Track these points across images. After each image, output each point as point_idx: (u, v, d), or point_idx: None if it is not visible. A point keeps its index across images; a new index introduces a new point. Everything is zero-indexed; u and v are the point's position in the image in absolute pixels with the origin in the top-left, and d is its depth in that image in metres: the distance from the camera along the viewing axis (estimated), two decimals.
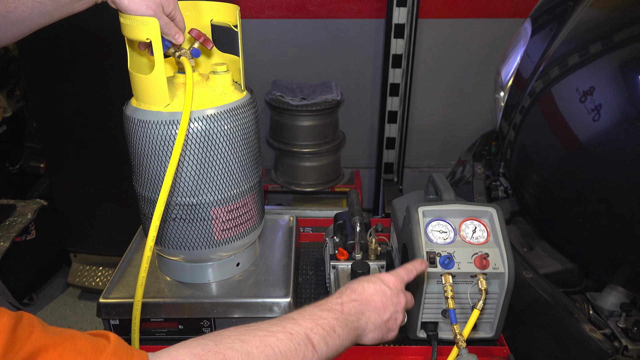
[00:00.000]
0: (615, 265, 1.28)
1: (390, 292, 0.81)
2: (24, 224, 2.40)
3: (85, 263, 2.58)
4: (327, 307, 0.75)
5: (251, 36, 2.74)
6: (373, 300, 0.79)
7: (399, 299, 0.83)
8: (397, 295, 0.83)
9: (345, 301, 0.77)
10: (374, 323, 0.79)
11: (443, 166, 3.03)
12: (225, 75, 1.02)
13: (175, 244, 1.07)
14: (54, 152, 2.38)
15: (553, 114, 1.43)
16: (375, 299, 0.80)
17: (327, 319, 0.72)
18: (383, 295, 0.80)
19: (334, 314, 0.74)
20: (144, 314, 1.07)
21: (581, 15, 1.49)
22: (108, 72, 2.06)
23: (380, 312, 0.79)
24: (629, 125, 1.19)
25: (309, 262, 1.41)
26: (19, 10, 0.77)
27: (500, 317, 1.08)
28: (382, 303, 0.80)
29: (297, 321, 0.70)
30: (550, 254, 1.54)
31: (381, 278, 0.83)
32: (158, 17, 0.86)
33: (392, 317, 0.81)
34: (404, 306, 0.84)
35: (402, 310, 0.83)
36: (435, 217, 1.10)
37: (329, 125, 2.71)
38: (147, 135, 0.96)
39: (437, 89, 2.93)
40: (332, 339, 0.71)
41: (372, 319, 0.79)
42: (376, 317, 0.79)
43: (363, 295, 0.79)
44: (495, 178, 1.96)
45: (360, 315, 0.77)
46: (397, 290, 0.83)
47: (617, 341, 1.24)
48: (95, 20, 1.83)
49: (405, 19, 2.58)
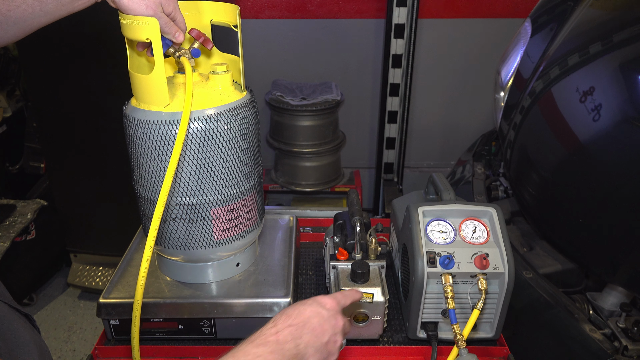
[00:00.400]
0: (615, 265, 1.28)
1: (327, 313, 0.80)
2: (24, 224, 2.40)
3: (85, 263, 2.58)
4: (262, 340, 0.72)
5: (251, 36, 2.74)
6: (310, 322, 0.77)
7: (337, 321, 0.81)
8: (335, 317, 0.81)
9: (280, 329, 0.75)
10: (314, 346, 0.77)
11: (443, 166, 3.03)
12: (225, 75, 1.02)
13: (175, 244, 1.07)
14: (54, 152, 2.38)
15: (553, 114, 1.43)
16: (312, 322, 0.77)
17: (262, 356, 0.70)
18: (320, 317, 0.79)
19: (270, 346, 0.71)
20: (144, 314, 1.07)
21: (581, 15, 1.49)
22: (108, 72, 2.06)
23: (318, 335, 0.77)
24: (629, 125, 1.19)
25: (309, 262, 1.41)
26: (20, 9, 0.77)
27: (500, 317, 1.08)
28: (320, 325, 0.78)
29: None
30: (550, 254, 1.54)
31: (317, 300, 0.81)
32: (158, 16, 0.85)
33: (331, 340, 0.79)
34: (342, 328, 0.82)
35: (341, 332, 0.81)
36: (435, 217, 1.10)
37: (329, 125, 2.71)
38: (147, 135, 0.96)
39: (437, 89, 2.93)
40: None
41: (311, 342, 0.76)
42: (315, 340, 0.77)
43: (299, 319, 0.77)
44: (495, 178, 1.96)
45: (297, 340, 0.75)
46: (335, 311, 0.81)
47: (617, 341, 1.24)
48: (96, 20, 1.83)
49: (405, 19, 2.58)
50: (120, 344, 1.13)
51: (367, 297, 1.04)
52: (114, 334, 1.13)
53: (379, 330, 1.09)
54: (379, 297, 1.04)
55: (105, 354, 1.12)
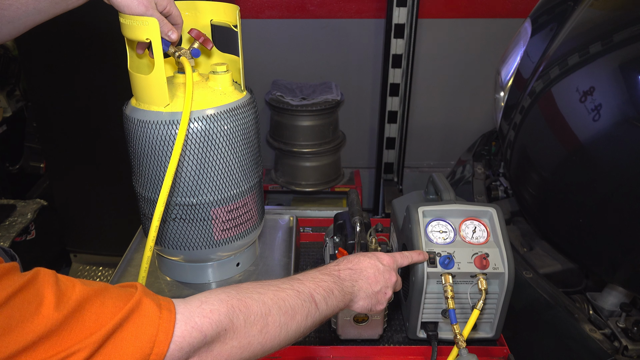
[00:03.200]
0: (615, 265, 1.28)
1: (383, 268, 0.89)
2: (24, 224, 2.40)
3: (85, 263, 2.58)
4: (327, 271, 0.83)
5: (251, 36, 2.73)
6: (366, 271, 0.87)
7: (390, 276, 0.89)
8: (389, 272, 0.90)
9: (342, 268, 0.85)
10: (365, 292, 0.85)
11: (443, 166, 3.03)
12: (225, 75, 1.02)
13: (175, 244, 1.07)
14: (54, 152, 2.37)
15: (553, 114, 1.42)
16: (368, 271, 0.87)
17: (327, 282, 0.80)
18: (376, 269, 0.88)
19: (332, 277, 0.82)
20: None
21: (581, 15, 1.49)
22: (108, 72, 2.06)
23: (371, 284, 0.86)
24: (629, 125, 1.19)
25: (309, 262, 1.41)
26: (14, 7, 0.77)
27: (500, 317, 1.08)
28: (374, 276, 0.87)
29: (303, 282, 0.77)
30: (550, 254, 1.54)
31: (377, 255, 0.91)
32: (150, 13, 0.85)
33: (381, 291, 0.88)
34: (394, 284, 0.90)
35: (392, 286, 0.90)
36: (435, 217, 1.10)
37: (329, 125, 2.70)
38: (147, 135, 0.96)
39: (437, 89, 2.93)
40: (331, 299, 0.78)
41: (364, 287, 0.85)
42: (367, 287, 0.86)
43: (358, 266, 0.87)
44: (495, 178, 1.96)
45: (354, 282, 0.84)
46: (390, 268, 0.90)
47: (617, 341, 1.24)
48: (95, 20, 1.83)
49: (405, 19, 2.58)
50: None
51: None
52: None
53: (379, 330, 1.09)
54: None
55: None
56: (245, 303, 0.68)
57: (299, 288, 0.75)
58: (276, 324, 0.70)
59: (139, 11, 0.84)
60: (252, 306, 0.68)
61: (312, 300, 0.75)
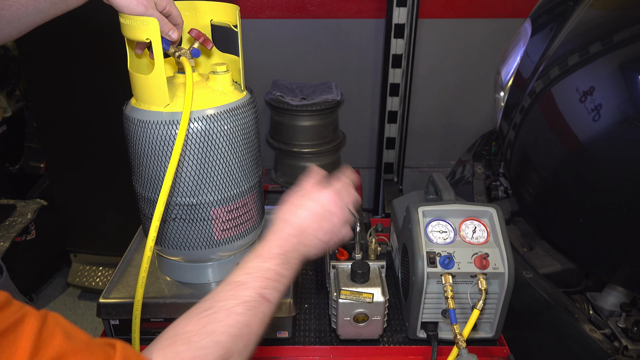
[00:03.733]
0: (615, 265, 1.28)
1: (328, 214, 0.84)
2: (24, 224, 2.40)
3: (85, 263, 2.58)
4: (270, 255, 0.77)
5: (251, 36, 2.73)
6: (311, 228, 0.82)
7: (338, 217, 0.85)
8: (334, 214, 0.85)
9: (284, 241, 0.80)
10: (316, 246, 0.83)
11: (443, 166, 3.03)
12: (225, 75, 1.02)
13: (175, 244, 1.07)
14: (54, 152, 2.38)
15: (553, 114, 1.43)
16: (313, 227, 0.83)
17: (273, 269, 0.75)
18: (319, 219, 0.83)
19: (278, 259, 0.77)
20: (144, 314, 1.07)
21: (581, 15, 1.49)
22: (108, 72, 2.06)
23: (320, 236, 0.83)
24: (629, 125, 1.19)
25: (309, 262, 1.41)
26: (14, 8, 0.77)
27: (500, 317, 1.08)
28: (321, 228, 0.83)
29: (248, 285, 0.72)
30: (550, 254, 1.54)
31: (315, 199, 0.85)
32: (150, 13, 0.85)
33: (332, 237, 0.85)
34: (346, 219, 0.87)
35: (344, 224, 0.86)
36: (435, 217, 1.10)
37: (329, 125, 2.70)
38: (147, 136, 0.96)
39: (437, 88, 2.93)
40: (281, 283, 0.75)
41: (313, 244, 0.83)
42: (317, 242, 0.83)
43: (299, 227, 0.82)
44: (495, 178, 1.96)
45: (301, 248, 0.81)
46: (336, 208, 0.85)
47: (617, 341, 1.24)
48: (95, 20, 1.83)
49: (405, 19, 2.58)
50: None
51: (367, 297, 1.04)
52: (114, 334, 1.13)
53: (379, 330, 1.09)
54: (379, 297, 1.04)
55: None
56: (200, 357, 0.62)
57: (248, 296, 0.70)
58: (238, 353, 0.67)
59: (139, 11, 0.84)
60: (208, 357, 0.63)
61: (263, 299, 0.71)
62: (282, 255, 0.77)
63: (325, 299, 1.27)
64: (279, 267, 0.76)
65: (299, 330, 1.18)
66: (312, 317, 1.22)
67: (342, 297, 1.04)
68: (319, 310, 1.24)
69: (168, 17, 0.91)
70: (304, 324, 1.19)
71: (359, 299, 1.04)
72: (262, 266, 0.75)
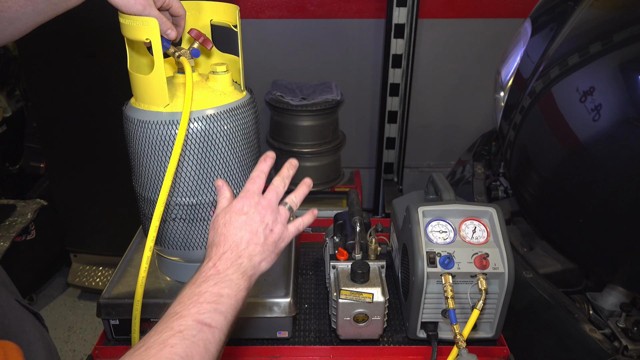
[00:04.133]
0: (615, 265, 1.28)
1: (246, 217, 0.78)
2: (24, 224, 2.40)
3: (85, 263, 2.58)
4: (203, 277, 0.72)
5: (251, 36, 2.73)
6: (240, 237, 0.76)
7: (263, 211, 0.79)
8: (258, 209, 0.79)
9: (216, 260, 0.74)
10: (258, 252, 0.76)
11: (443, 166, 3.03)
12: (225, 75, 1.02)
13: (175, 244, 1.07)
14: (54, 152, 2.37)
15: (553, 114, 1.43)
16: (241, 235, 0.76)
17: (208, 291, 0.69)
18: (246, 225, 0.77)
19: (212, 280, 0.71)
20: (144, 314, 1.06)
21: (581, 15, 1.49)
22: (108, 72, 2.06)
23: (255, 241, 0.77)
24: (629, 125, 1.19)
25: (309, 262, 1.41)
26: (13, 9, 0.77)
27: (500, 317, 1.08)
28: (252, 232, 0.77)
29: (182, 314, 0.66)
30: (550, 254, 1.54)
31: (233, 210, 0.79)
32: (147, 12, 0.84)
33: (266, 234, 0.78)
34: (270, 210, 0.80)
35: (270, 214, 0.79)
36: (435, 217, 1.10)
37: (329, 125, 2.70)
38: (147, 136, 0.96)
39: (437, 89, 2.93)
40: (223, 303, 0.69)
41: (253, 251, 0.76)
42: (255, 247, 0.76)
43: (229, 242, 0.76)
44: (495, 178, 1.96)
45: (238, 260, 0.74)
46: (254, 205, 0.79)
47: (617, 341, 1.24)
48: (95, 20, 1.82)
49: (405, 19, 2.58)
50: (120, 344, 1.13)
51: (367, 297, 1.04)
52: (114, 334, 1.13)
53: (379, 330, 1.09)
54: (379, 297, 1.04)
55: (105, 354, 1.12)
56: None
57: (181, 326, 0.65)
58: None
59: (137, 9, 0.83)
60: None
61: (202, 325, 0.66)
62: (217, 275, 0.72)
63: (325, 299, 1.27)
64: (215, 287, 0.70)
65: (299, 330, 1.18)
66: (312, 317, 1.22)
67: (342, 297, 1.04)
68: (319, 310, 1.24)
69: (169, 9, 0.90)
70: (304, 324, 1.19)
71: (359, 299, 1.04)
72: (195, 291, 0.69)
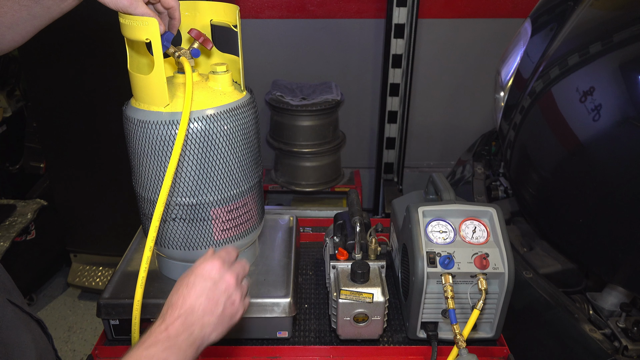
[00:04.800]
0: (615, 265, 1.28)
1: (211, 283, 0.76)
2: (24, 224, 2.40)
3: (85, 263, 2.58)
4: (153, 340, 0.70)
5: (251, 36, 2.73)
6: (198, 304, 0.74)
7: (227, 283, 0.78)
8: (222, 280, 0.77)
9: (169, 323, 0.72)
10: (211, 324, 0.75)
11: (443, 166, 3.03)
12: (225, 75, 1.02)
13: (175, 244, 1.07)
14: (54, 152, 2.38)
15: (553, 114, 1.43)
16: (200, 302, 0.74)
17: (156, 355, 0.68)
18: (208, 292, 0.76)
19: (162, 344, 0.69)
20: (144, 314, 1.06)
21: (581, 15, 1.49)
22: (108, 72, 2.06)
23: (212, 310, 0.75)
24: (629, 125, 1.19)
25: (309, 262, 1.41)
26: (9, 14, 0.77)
27: (500, 317, 1.08)
28: (210, 300, 0.75)
29: None
30: (550, 254, 1.54)
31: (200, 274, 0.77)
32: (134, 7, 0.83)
33: (227, 305, 0.77)
34: (235, 283, 0.79)
35: (235, 288, 0.78)
36: (435, 217, 1.10)
37: (329, 125, 2.70)
38: (147, 136, 0.96)
39: (437, 89, 2.93)
40: None
41: (207, 321, 0.74)
42: (210, 317, 0.75)
43: (185, 307, 0.74)
44: (495, 178, 1.96)
45: (190, 328, 0.72)
46: (220, 275, 0.78)
47: (617, 341, 1.24)
48: (95, 21, 1.83)
49: (405, 19, 2.58)
50: (120, 344, 1.13)
51: (367, 297, 1.04)
52: (114, 334, 1.13)
53: (379, 330, 1.09)
54: (379, 297, 1.04)
55: (105, 354, 1.12)
56: None
57: None
58: None
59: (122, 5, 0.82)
60: None
61: None
62: (167, 340, 0.70)
63: (325, 299, 1.27)
64: (164, 353, 0.68)
65: (299, 330, 1.18)
66: (312, 317, 1.22)
67: (342, 297, 1.04)
68: (319, 310, 1.24)
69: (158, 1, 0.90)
70: (304, 324, 1.19)
71: (359, 299, 1.04)
72: (144, 354, 0.68)
